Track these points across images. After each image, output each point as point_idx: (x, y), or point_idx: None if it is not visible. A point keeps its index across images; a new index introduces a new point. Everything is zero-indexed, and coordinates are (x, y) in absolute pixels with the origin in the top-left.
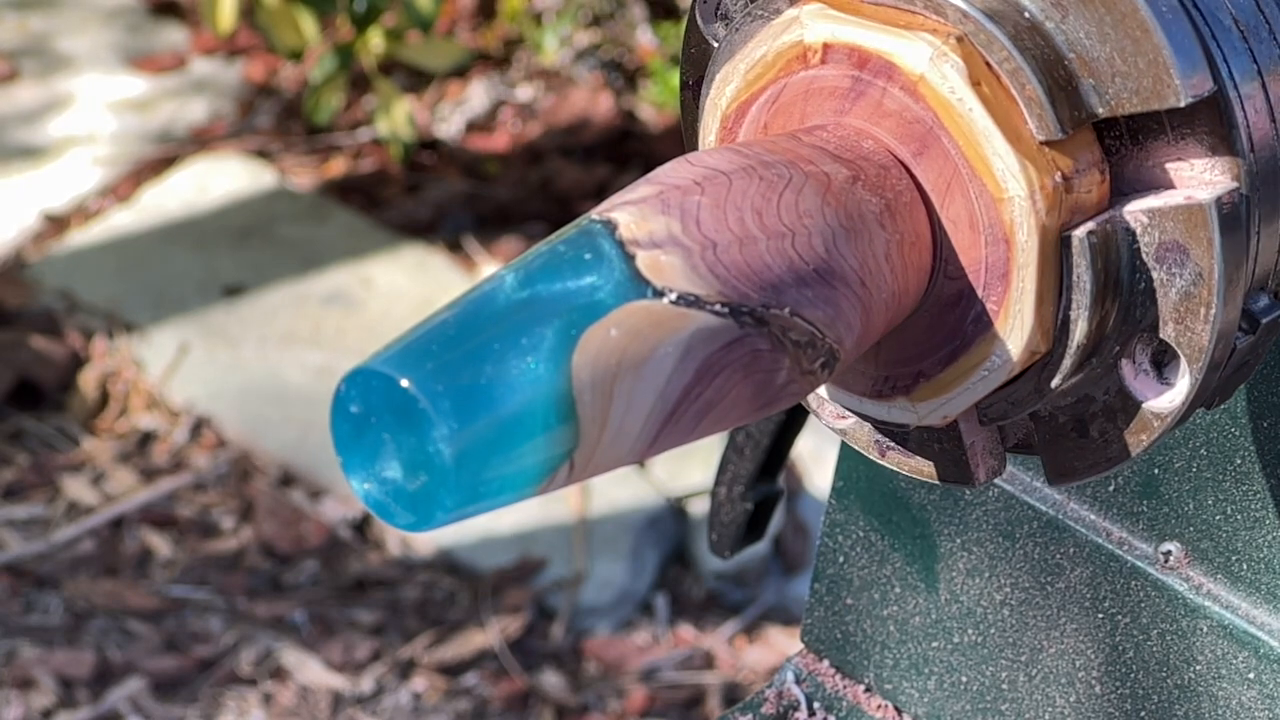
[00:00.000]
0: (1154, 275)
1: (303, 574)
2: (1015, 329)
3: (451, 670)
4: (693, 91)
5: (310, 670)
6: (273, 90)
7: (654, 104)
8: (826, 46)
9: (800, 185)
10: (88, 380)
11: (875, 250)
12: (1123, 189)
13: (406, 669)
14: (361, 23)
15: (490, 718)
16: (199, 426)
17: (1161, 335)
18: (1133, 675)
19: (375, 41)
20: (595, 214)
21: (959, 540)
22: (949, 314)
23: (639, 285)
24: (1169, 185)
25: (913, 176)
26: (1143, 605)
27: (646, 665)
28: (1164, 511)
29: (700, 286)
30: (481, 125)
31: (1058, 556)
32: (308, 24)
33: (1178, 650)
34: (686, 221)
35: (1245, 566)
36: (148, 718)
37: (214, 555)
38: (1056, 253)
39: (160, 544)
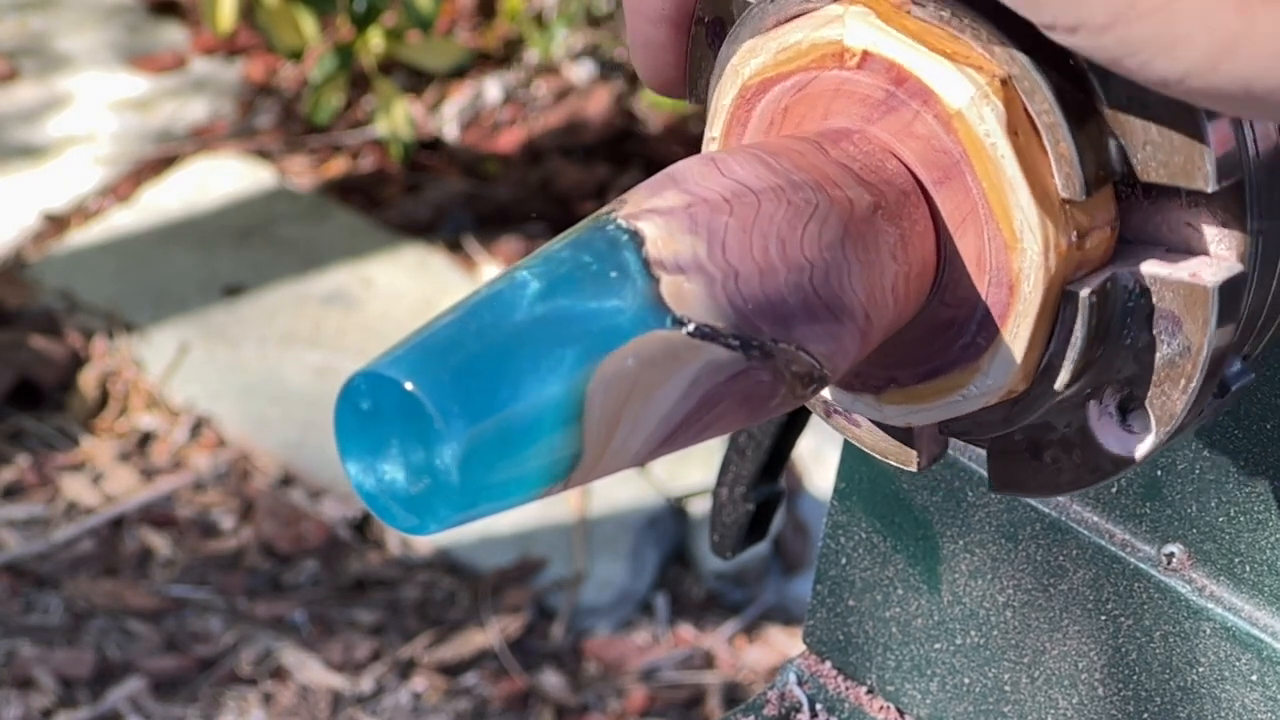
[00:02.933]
0: (1142, 337)
1: (303, 574)
2: (1000, 369)
3: (451, 670)
4: (707, 30)
5: (310, 670)
6: (273, 90)
7: (654, 104)
8: (866, 54)
9: (825, 214)
10: (88, 380)
11: (884, 282)
12: (1127, 235)
13: (406, 669)
14: (361, 22)
15: (490, 718)
16: (199, 426)
17: (1136, 393)
18: (1135, 677)
19: (375, 41)
20: (623, 218)
21: (961, 542)
22: (937, 336)
23: (659, 313)
24: (1176, 246)
25: (929, 202)
26: (1145, 607)
27: (646, 665)
28: (1167, 514)
29: (717, 318)
30: (481, 125)
31: (1060, 559)
32: (308, 24)
33: (1181, 652)
34: (713, 245)
35: (1248, 569)
36: (148, 718)
37: (214, 555)
38: (1056, 303)
39: (160, 544)
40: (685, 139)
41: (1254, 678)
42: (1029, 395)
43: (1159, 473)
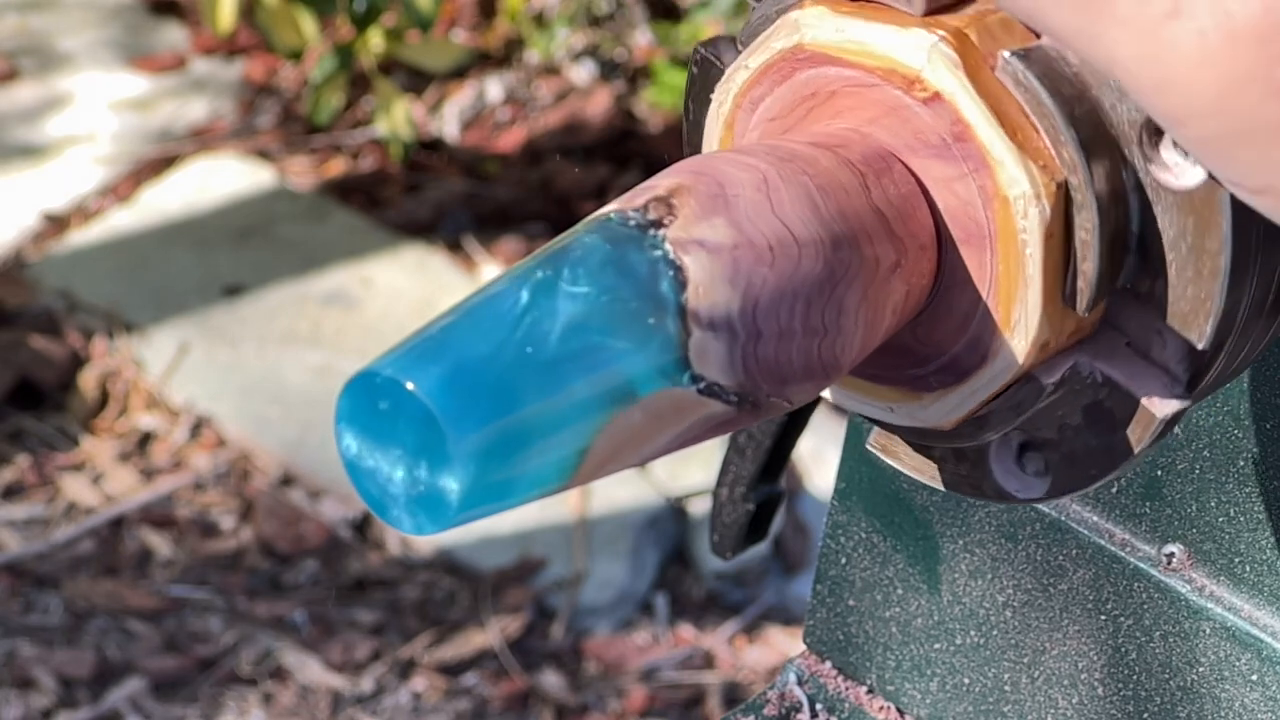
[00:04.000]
0: (1075, 417)
1: (303, 574)
2: (938, 411)
3: (451, 670)
4: None
5: (310, 670)
6: (273, 90)
7: (654, 104)
8: (939, 96)
9: (854, 278)
10: (88, 380)
11: (877, 334)
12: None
13: (406, 669)
14: (361, 23)
15: (490, 718)
16: (199, 426)
17: (1045, 452)
18: (1135, 677)
19: (375, 41)
20: (671, 244)
21: (961, 542)
22: (892, 357)
23: (680, 370)
24: (1139, 343)
25: (940, 255)
26: (1145, 607)
27: (646, 665)
28: (1166, 513)
29: (728, 377)
30: (482, 125)
31: (1060, 558)
32: (308, 24)
33: (1180, 652)
34: (747, 302)
35: (1248, 568)
36: (148, 718)
37: (214, 555)
38: (1019, 380)
39: (160, 544)
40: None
41: (1254, 677)
42: (951, 433)
43: (1159, 472)
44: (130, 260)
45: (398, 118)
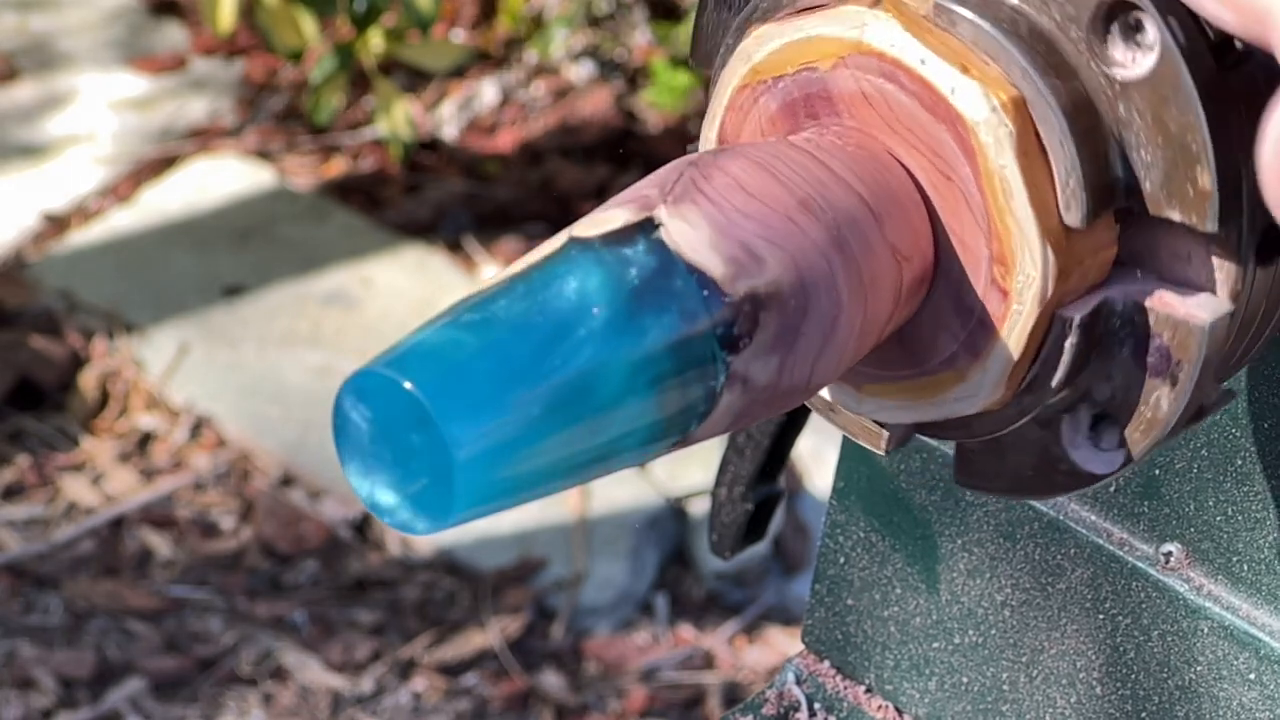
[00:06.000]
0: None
1: (303, 574)
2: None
3: (451, 670)
4: None
5: (310, 670)
6: (273, 90)
7: (654, 104)
8: (1008, 265)
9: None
10: (88, 380)
11: None
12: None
13: (406, 669)
14: (361, 23)
15: (490, 718)
16: (199, 426)
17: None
18: (1133, 676)
19: (375, 41)
20: (727, 374)
21: (960, 541)
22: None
23: (664, 450)
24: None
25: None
26: (1143, 606)
27: (646, 665)
28: (1165, 513)
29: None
30: (481, 125)
31: (1058, 558)
32: (308, 24)
33: (1178, 651)
34: (731, 429)
35: (1246, 568)
36: (148, 718)
37: (214, 555)
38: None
39: (160, 544)
40: (685, 139)
41: (1251, 676)
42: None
43: (1157, 471)
44: (130, 260)
45: (398, 118)
